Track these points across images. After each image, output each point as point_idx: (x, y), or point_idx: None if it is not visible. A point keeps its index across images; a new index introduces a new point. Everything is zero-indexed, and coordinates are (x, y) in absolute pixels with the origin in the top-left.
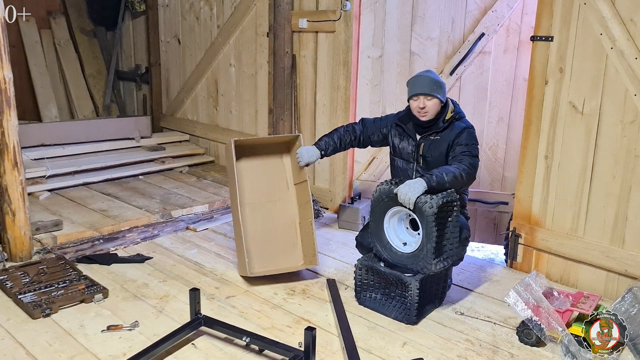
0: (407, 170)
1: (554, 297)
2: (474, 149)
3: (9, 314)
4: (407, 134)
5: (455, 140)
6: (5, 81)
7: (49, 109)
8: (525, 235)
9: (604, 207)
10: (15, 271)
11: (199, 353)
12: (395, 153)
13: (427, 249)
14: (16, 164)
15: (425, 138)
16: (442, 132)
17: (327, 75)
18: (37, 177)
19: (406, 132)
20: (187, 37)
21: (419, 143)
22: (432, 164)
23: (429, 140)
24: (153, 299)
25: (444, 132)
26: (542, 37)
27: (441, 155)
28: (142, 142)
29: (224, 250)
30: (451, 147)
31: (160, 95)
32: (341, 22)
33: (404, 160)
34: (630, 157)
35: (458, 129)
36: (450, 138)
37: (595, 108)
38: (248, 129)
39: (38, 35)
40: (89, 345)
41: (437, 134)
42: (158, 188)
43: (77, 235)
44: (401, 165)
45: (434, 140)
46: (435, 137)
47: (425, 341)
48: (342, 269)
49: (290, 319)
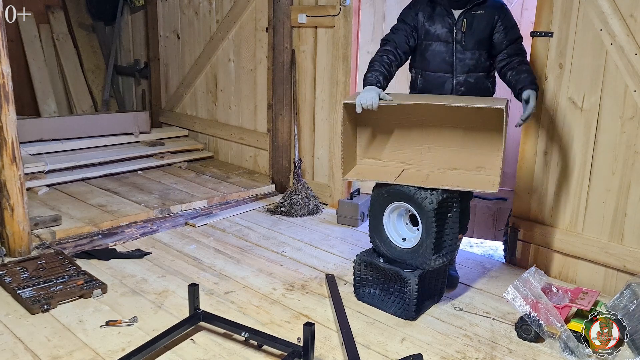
0: (445, 53)
1: (553, 293)
2: (519, 33)
3: (7, 309)
4: (444, 11)
5: (502, 18)
6: (3, 76)
7: (47, 104)
8: (524, 231)
9: (603, 203)
10: (14, 266)
11: (197, 348)
12: (428, 37)
13: (426, 245)
14: (15, 159)
15: (466, 13)
16: (483, 5)
17: (326, 70)
18: (35, 172)
19: (442, 8)
20: (186, 32)
21: (458, 19)
22: (473, 42)
23: (470, 15)
24: (152, 294)
25: (486, 4)
26: (542, 32)
27: (485, 33)
28: (141, 138)
29: (223, 245)
30: (496, 25)
31: (159, 90)
32: (340, 17)
33: (442, 43)
34: (630, 153)
35: (499, 2)
36: (495, 13)
37: (595, 104)
38: (247, 124)
39: (36, 29)
40: (88, 340)
41: (479, 6)
42: (157, 183)
43: (76, 230)
44: (438, 48)
45: (477, 15)
46: (478, 12)
47: (424, 337)
48: (341, 265)
49: (289, 315)
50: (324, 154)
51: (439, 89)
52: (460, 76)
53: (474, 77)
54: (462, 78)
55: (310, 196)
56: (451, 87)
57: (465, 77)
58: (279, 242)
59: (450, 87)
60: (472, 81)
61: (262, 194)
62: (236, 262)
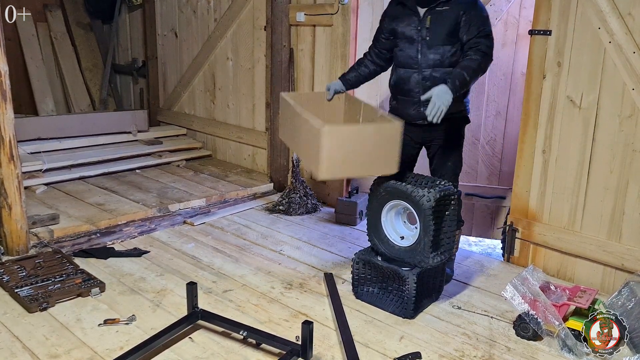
0: (409, 50)
1: (551, 291)
2: (486, 24)
3: (5, 308)
4: (410, 10)
5: (467, 12)
6: (1, 74)
7: (45, 103)
8: (523, 230)
9: (601, 202)
10: (11, 265)
11: (196, 347)
12: (397, 36)
13: (424, 243)
14: (12, 158)
15: (431, 10)
16: (449, 1)
17: (324, 69)
18: (33, 170)
19: (408, 8)
20: (184, 30)
21: (423, 17)
22: (439, 39)
23: (435, 12)
24: (150, 293)
25: (451, 1)
26: (541, 31)
27: (449, 28)
28: (139, 136)
29: (221, 244)
30: (461, 20)
31: (157, 89)
32: (339, 15)
33: (407, 41)
34: (628, 151)
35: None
36: (460, 8)
37: (593, 102)
38: (245, 122)
39: (34, 28)
40: (86, 339)
41: (445, 3)
42: (155, 182)
43: (74, 229)
44: (404, 46)
45: (442, 11)
46: (443, 8)
47: (422, 335)
48: (340, 263)
49: (288, 313)
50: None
51: (406, 83)
52: (426, 71)
53: (440, 72)
54: (427, 73)
55: (308, 195)
56: (417, 81)
57: (430, 72)
58: (277, 240)
59: (416, 82)
60: (437, 76)
61: (261, 192)
62: (234, 261)
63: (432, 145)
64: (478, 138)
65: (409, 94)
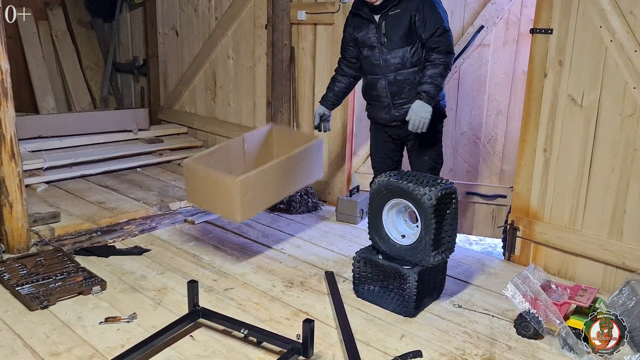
0: (371, 56)
1: (552, 289)
2: (440, 20)
3: (6, 306)
4: (366, 19)
5: (419, 12)
6: (2, 72)
7: (46, 101)
8: (524, 229)
9: (602, 200)
10: (12, 263)
11: (197, 345)
12: (359, 45)
13: (425, 241)
14: (13, 156)
15: (385, 16)
16: (400, 4)
17: (325, 67)
18: (34, 169)
19: (364, 17)
20: (185, 29)
21: (379, 23)
22: (396, 42)
23: (389, 17)
24: (151, 291)
25: (402, 3)
26: (542, 29)
27: (404, 30)
28: (139, 135)
29: (222, 242)
30: (415, 20)
31: (158, 87)
32: (340, 14)
33: (368, 48)
34: (629, 150)
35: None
36: (411, 9)
37: (595, 101)
38: (246, 121)
39: (35, 26)
40: (87, 337)
41: (396, 6)
42: (156, 180)
43: (75, 227)
44: (367, 53)
45: (394, 14)
46: (395, 11)
47: (423, 333)
48: (340, 262)
49: (289, 311)
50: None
51: (374, 89)
52: (390, 75)
53: (403, 75)
54: (391, 77)
55: (309, 193)
56: (383, 86)
57: (394, 76)
58: (278, 239)
59: (383, 87)
60: (401, 79)
61: None
62: (235, 259)
63: (409, 141)
64: (479, 137)
65: (378, 99)
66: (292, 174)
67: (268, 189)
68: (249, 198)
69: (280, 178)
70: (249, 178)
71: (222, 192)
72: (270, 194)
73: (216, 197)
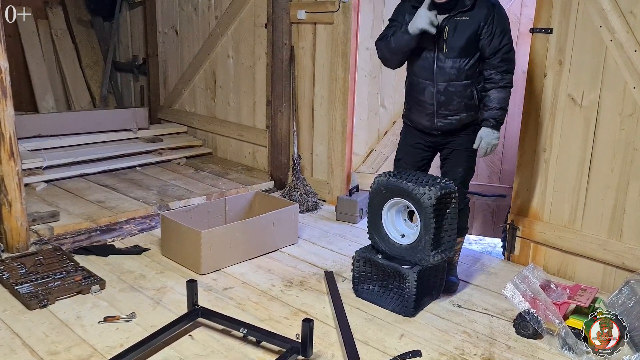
0: (424, 60)
1: (551, 289)
2: (509, 37)
3: (5, 305)
4: None
5: (488, 24)
6: (1, 71)
7: (45, 100)
8: (523, 228)
9: (601, 200)
10: (11, 262)
11: (196, 344)
12: None
13: (425, 241)
14: (13, 155)
15: (450, 19)
16: (469, 11)
17: (325, 66)
18: (33, 168)
19: None
20: (184, 28)
21: (442, 26)
22: (456, 50)
23: (454, 21)
24: (150, 291)
25: (471, 10)
26: (542, 29)
27: (468, 40)
28: (139, 134)
29: None
30: (482, 31)
31: (158, 86)
32: (340, 13)
33: (421, 49)
34: (629, 150)
35: (486, 5)
36: (480, 19)
37: (594, 101)
38: (246, 120)
39: (35, 25)
40: (86, 336)
41: (464, 13)
42: (155, 180)
43: (74, 226)
44: (420, 53)
45: (460, 21)
46: (462, 18)
47: (422, 333)
48: (340, 261)
49: (288, 311)
50: (322, 151)
51: (420, 94)
52: (441, 84)
53: (455, 86)
54: (442, 86)
55: (309, 193)
56: (431, 94)
57: (445, 86)
58: None
59: (431, 94)
60: (452, 90)
61: (261, 190)
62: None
63: (446, 148)
64: None
65: (423, 104)
66: (262, 235)
67: (235, 246)
68: (213, 252)
69: (249, 238)
70: (214, 232)
71: (188, 244)
72: (237, 251)
73: (183, 249)
